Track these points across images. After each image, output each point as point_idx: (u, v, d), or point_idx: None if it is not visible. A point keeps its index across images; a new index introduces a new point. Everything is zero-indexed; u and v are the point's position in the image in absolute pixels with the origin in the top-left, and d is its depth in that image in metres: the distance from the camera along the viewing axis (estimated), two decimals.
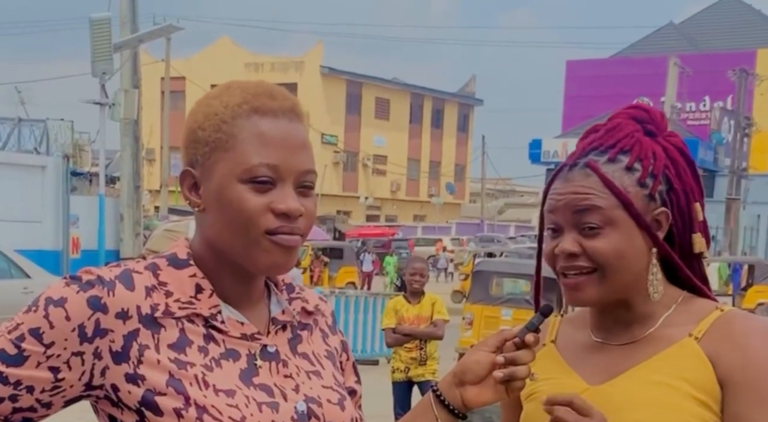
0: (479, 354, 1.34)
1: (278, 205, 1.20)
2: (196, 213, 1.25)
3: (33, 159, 15.93)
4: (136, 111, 16.53)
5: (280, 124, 1.22)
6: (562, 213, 1.41)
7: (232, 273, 1.25)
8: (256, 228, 1.20)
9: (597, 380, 1.41)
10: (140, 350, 1.17)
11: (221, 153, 1.21)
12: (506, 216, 57.37)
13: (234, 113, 1.21)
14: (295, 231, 1.22)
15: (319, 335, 1.36)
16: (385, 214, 53.55)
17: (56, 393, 1.17)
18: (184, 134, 1.25)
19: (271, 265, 1.22)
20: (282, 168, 1.20)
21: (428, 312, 6.53)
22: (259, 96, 1.23)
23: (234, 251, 1.22)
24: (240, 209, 1.19)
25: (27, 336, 1.15)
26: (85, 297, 1.16)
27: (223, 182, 1.20)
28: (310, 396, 1.26)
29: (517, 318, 11.77)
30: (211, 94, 1.26)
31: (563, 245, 1.40)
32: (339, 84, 49.22)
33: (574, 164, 1.43)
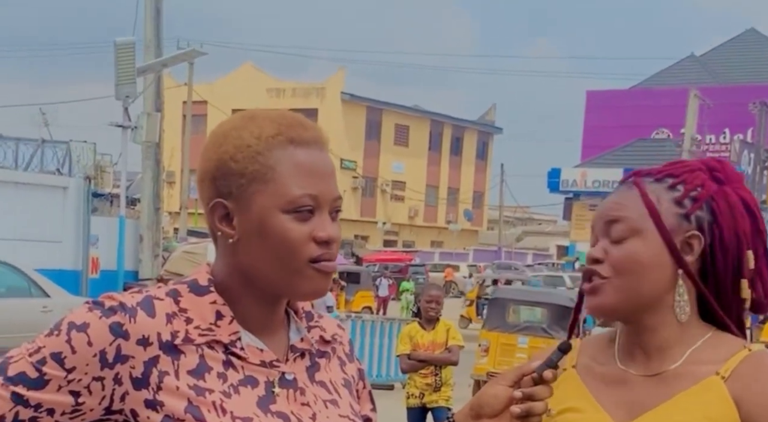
0: (497, 388, 1.34)
1: (320, 234, 1.22)
2: (224, 242, 1.25)
3: (55, 180, 16.07)
4: (158, 134, 16.66)
5: (314, 154, 1.24)
6: (597, 223, 1.45)
7: (256, 300, 1.26)
8: (300, 258, 1.22)
9: (623, 416, 1.40)
10: (160, 376, 1.18)
11: (260, 185, 1.22)
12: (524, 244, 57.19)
13: (269, 144, 1.22)
14: (334, 256, 1.25)
15: (336, 363, 1.37)
16: (403, 240, 53.49)
17: (76, 416, 1.19)
18: (210, 165, 1.25)
19: (312, 292, 1.25)
20: (321, 197, 1.23)
21: (443, 338, 6.54)
22: (292, 126, 1.24)
23: (274, 280, 1.23)
24: (284, 239, 1.21)
25: (49, 360, 1.17)
26: (107, 323, 1.17)
27: (265, 213, 1.21)
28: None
29: (534, 346, 11.68)
30: (236, 125, 1.26)
31: (590, 251, 1.44)
32: (359, 110, 49.39)
33: (623, 182, 1.47)
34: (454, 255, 45.07)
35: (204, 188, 1.26)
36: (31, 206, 14.88)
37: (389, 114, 51.45)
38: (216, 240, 1.27)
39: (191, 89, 29.54)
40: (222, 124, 1.29)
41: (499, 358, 11.94)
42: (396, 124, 52.04)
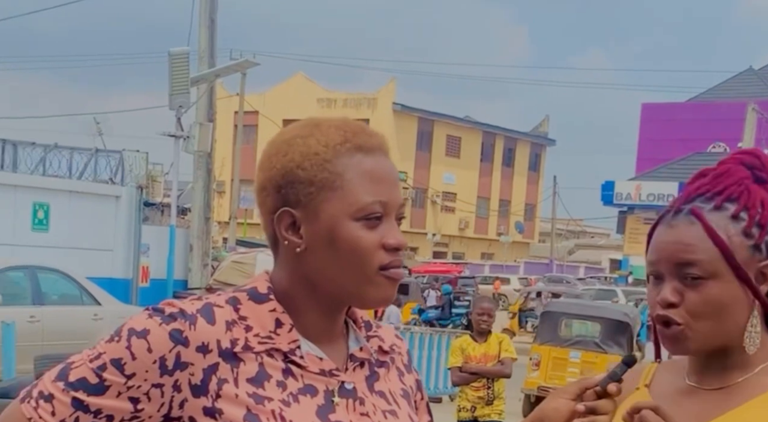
0: (559, 401, 1.31)
1: (389, 241, 1.22)
2: (289, 251, 1.23)
3: (108, 189, 16.25)
4: (209, 144, 16.79)
5: (380, 160, 1.24)
6: (665, 263, 1.39)
7: (318, 309, 1.25)
8: (371, 265, 1.21)
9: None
10: (219, 384, 1.17)
11: (329, 192, 1.21)
12: (576, 257, 56.62)
13: (337, 152, 1.22)
14: (402, 263, 1.24)
15: (395, 373, 1.35)
16: (453, 251, 53.30)
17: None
18: (273, 174, 1.23)
19: (381, 300, 1.24)
20: (389, 203, 1.23)
21: (495, 350, 6.47)
22: (357, 134, 1.24)
23: (343, 288, 1.23)
24: (355, 247, 1.20)
25: (109, 366, 1.17)
26: (167, 330, 1.17)
27: (335, 221, 1.21)
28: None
29: (586, 361, 11.54)
30: (300, 133, 1.24)
31: (663, 294, 1.38)
32: (411, 121, 49.39)
33: (679, 210, 1.41)
34: (504, 268, 44.74)
35: (266, 197, 1.25)
36: (83, 215, 15.06)
37: (440, 125, 51.37)
38: (277, 249, 1.26)
39: (243, 99, 29.74)
40: (283, 133, 1.27)
41: (551, 372, 11.83)
42: (447, 135, 51.94)
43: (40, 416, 1.19)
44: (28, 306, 10.53)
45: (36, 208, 14.78)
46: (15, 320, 9.59)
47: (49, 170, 16.78)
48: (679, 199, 1.43)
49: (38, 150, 17.17)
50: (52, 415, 1.18)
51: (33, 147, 17.24)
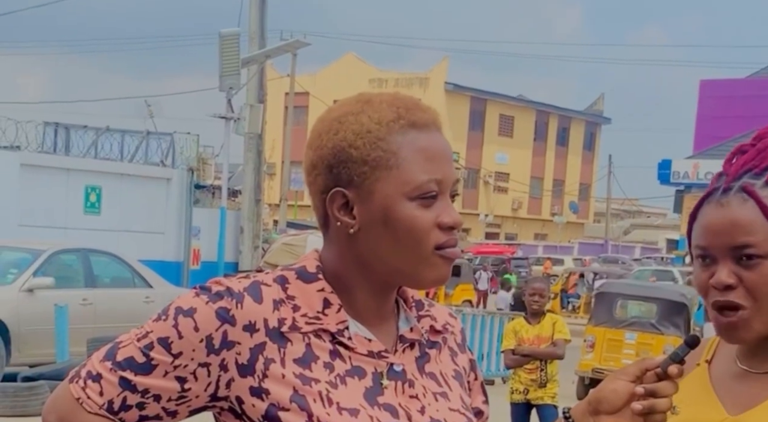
0: (617, 382, 1.26)
1: (445, 219, 1.20)
2: (342, 232, 1.21)
3: (159, 171, 16.35)
4: (260, 125, 16.78)
5: (434, 137, 1.22)
6: (718, 246, 1.35)
7: (369, 290, 1.23)
8: (427, 246, 1.19)
9: (737, 410, 1.37)
10: (266, 363, 1.16)
11: (383, 171, 1.19)
12: (632, 238, 55.85)
13: (390, 129, 1.19)
14: (456, 241, 1.22)
15: (447, 354, 1.32)
16: (505, 232, 52.95)
17: (182, 402, 1.18)
18: (325, 152, 1.21)
19: (437, 279, 1.22)
20: (444, 181, 1.21)
21: (549, 332, 6.38)
22: (410, 110, 1.22)
23: (398, 269, 1.21)
24: (412, 228, 1.18)
25: (156, 345, 1.16)
26: (214, 308, 1.16)
27: (390, 201, 1.19)
28: (435, 419, 1.22)
29: (642, 342, 11.36)
30: (351, 110, 1.22)
31: (719, 276, 1.34)
32: (463, 100, 49.08)
33: (728, 188, 1.36)
34: (558, 249, 44.33)
35: (317, 176, 1.22)
36: (135, 197, 15.17)
37: (493, 104, 50.96)
38: (327, 229, 1.23)
39: (293, 80, 29.73)
40: (333, 110, 1.25)
41: (606, 354, 11.69)
42: (500, 114, 51.52)
43: (88, 396, 1.18)
44: (81, 288, 10.61)
45: (88, 191, 14.92)
46: (68, 303, 9.70)
47: (101, 153, 16.94)
48: (727, 177, 1.37)
49: (90, 133, 17.33)
50: (100, 395, 1.18)
51: (85, 130, 17.41)
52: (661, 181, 34.40)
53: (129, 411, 1.18)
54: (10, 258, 10.65)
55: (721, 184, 1.37)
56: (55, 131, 17.44)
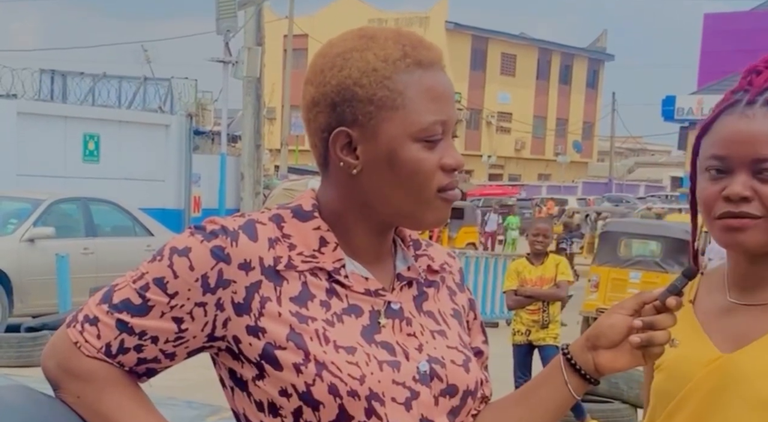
0: (615, 317, 1.25)
1: (448, 161, 1.18)
2: (343, 172, 1.19)
3: (157, 118, 16.20)
4: (259, 69, 16.58)
5: (439, 76, 1.20)
6: (738, 156, 1.31)
7: (368, 230, 1.22)
8: (430, 187, 1.18)
9: (728, 347, 1.36)
10: (262, 302, 1.15)
11: (389, 112, 1.16)
12: (636, 176, 55.70)
13: (396, 68, 1.17)
14: (457, 183, 1.20)
15: (446, 293, 1.31)
16: (509, 173, 52.84)
17: (180, 343, 1.17)
18: (328, 90, 1.18)
19: (437, 221, 1.22)
20: (448, 122, 1.19)
21: (551, 273, 6.31)
22: (416, 47, 1.19)
23: (399, 210, 1.20)
24: (417, 170, 1.17)
25: (152, 285, 1.15)
26: (208, 247, 1.14)
27: (394, 143, 1.17)
28: (433, 357, 1.21)
29: (646, 281, 11.33)
30: (355, 46, 1.19)
31: (734, 188, 1.31)
32: (464, 40, 48.59)
33: (754, 100, 1.33)
34: (562, 189, 44.22)
35: (318, 114, 1.19)
36: (134, 145, 15.05)
37: (495, 43, 50.45)
38: (327, 168, 1.21)
39: (292, 22, 29.37)
40: (334, 44, 1.21)
41: (610, 294, 11.68)
42: (502, 53, 51.03)
43: (85, 339, 1.17)
44: (82, 238, 10.57)
45: (87, 140, 14.80)
46: (69, 252, 9.67)
47: (98, 100, 16.77)
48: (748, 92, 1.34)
49: (87, 80, 17.15)
50: (98, 338, 1.17)
51: (82, 77, 17.22)
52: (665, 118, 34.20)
53: (127, 354, 1.17)
54: (9, 208, 10.60)
55: (743, 98, 1.34)
56: (51, 78, 17.25)
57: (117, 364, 1.17)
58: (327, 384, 1.13)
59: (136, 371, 1.19)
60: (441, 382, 1.21)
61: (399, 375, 1.17)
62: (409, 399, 1.18)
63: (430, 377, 1.20)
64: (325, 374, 1.13)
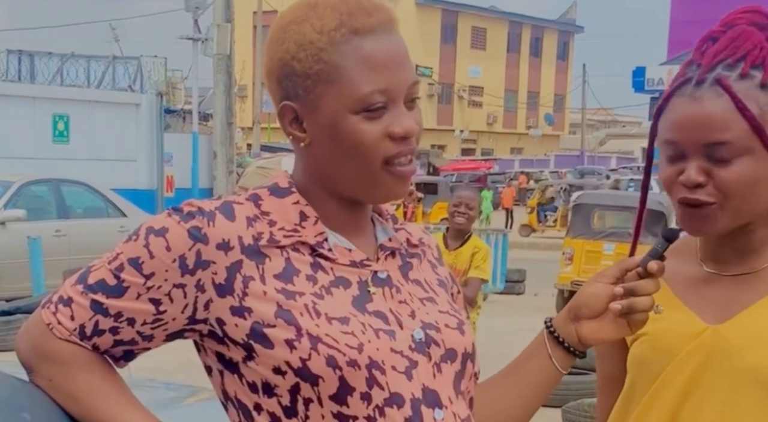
0: (596, 285, 1.24)
1: (395, 129, 1.14)
2: (298, 147, 1.19)
3: (127, 97, 16.04)
4: (228, 46, 16.45)
5: (382, 41, 1.15)
6: (689, 141, 1.29)
7: (337, 202, 1.20)
8: (374, 160, 1.14)
9: (714, 318, 1.33)
10: (245, 281, 1.13)
11: (326, 85, 1.14)
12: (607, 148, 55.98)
13: (332, 39, 1.13)
14: (412, 151, 1.17)
15: (428, 265, 1.30)
16: (481, 147, 52.91)
17: (158, 326, 1.15)
18: (273, 65, 1.17)
19: (386, 196, 1.19)
20: (393, 89, 1.14)
21: (465, 264, 5.02)
22: (354, 15, 1.14)
23: (348, 184, 1.17)
24: (357, 142, 1.14)
25: (126, 266, 1.13)
26: (186, 227, 1.13)
27: (334, 116, 1.14)
28: (427, 322, 1.19)
29: (620, 253, 11.38)
30: (296, 17, 1.16)
31: (689, 174, 1.29)
32: (434, 13, 48.40)
33: (702, 80, 1.28)
34: (534, 162, 44.39)
35: (272, 89, 1.19)
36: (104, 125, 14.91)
37: (465, 16, 50.33)
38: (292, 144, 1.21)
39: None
40: (282, 16, 1.19)
41: (584, 266, 11.73)
42: (472, 27, 50.94)
43: (59, 321, 1.14)
44: (53, 220, 10.47)
45: (56, 120, 14.64)
46: (41, 235, 9.55)
47: (67, 80, 16.58)
48: (700, 69, 1.29)
49: (55, 60, 16.94)
50: (71, 319, 1.14)
51: (49, 57, 17.02)
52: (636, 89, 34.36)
53: (102, 335, 1.15)
54: None
55: (694, 75, 1.30)
56: (18, 59, 17.03)
57: (91, 347, 1.15)
58: (324, 356, 1.10)
59: (113, 354, 1.17)
60: (439, 347, 1.18)
61: (396, 344, 1.15)
62: (409, 369, 1.15)
63: (426, 344, 1.17)
64: (321, 347, 1.11)
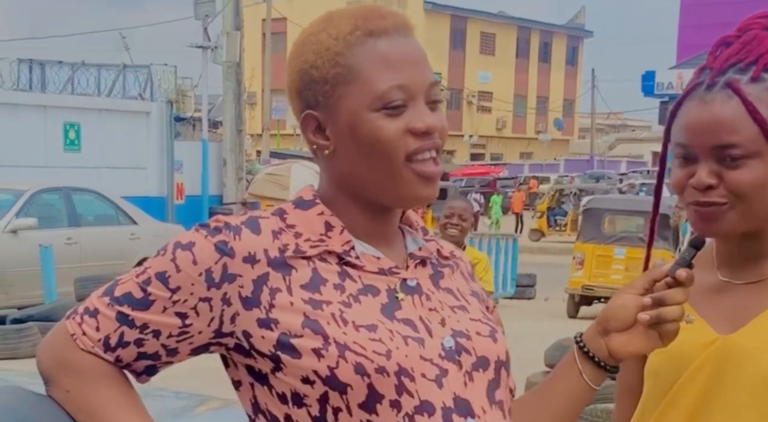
0: (624, 297, 1.22)
1: (416, 124, 1.13)
2: (323, 156, 1.18)
3: (138, 105, 16.09)
4: (238, 53, 16.53)
5: (397, 41, 1.16)
6: (700, 144, 1.29)
7: (364, 211, 1.19)
8: (396, 156, 1.13)
9: (726, 327, 1.32)
10: (271, 294, 1.13)
11: (344, 87, 1.14)
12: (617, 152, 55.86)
13: (347, 43, 1.15)
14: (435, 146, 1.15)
15: (460, 276, 1.27)
16: (491, 153, 52.85)
17: (183, 339, 1.15)
18: (294, 78, 1.18)
19: (413, 197, 1.16)
20: (411, 87, 1.14)
21: None
22: (368, 19, 1.16)
23: (373, 186, 1.16)
24: (377, 139, 1.13)
25: (153, 280, 1.13)
26: (212, 241, 1.13)
27: (354, 116, 1.14)
28: (457, 330, 1.17)
29: (631, 257, 11.36)
30: (314, 30, 1.18)
31: (700, 176, 1.29)
32: (443, 19, 48.42)
33: (713, 83, 1.29)
34: (544, 167, 44.31)
35: (294, 103, 1.20)
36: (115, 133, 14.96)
37: (474, 22, 50.33)
38: (315, 155, 1.20)
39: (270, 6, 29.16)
40: (301, 33, 1.21)
41: (595, 271, 11.69)
42: (481, 32, 50.94)
43: (83, 331, 1.15)
44: (65, 228, 10.49)
45: (67, 128, 14.69)
46: (52, 243, 9.59)
47: (78, 89, 16.64)
48: (711, 72, 1.30)
49: (65, 69, 16.99)
50: (96, 330, 1.15)
51: (60, 66, 17.07)
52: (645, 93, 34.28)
53: (126, 347, 1.15)
54: None
55: (705, 79, 1.31)
56: (29, 68, 17.09)
57: (114, 359, 1.15)
58: (352, 364, 1.09)
59: (135, 368, 1.17)
60: (470, 355, 1.16)
61: (425, 352, 1.13)
62: (439, 377, 1.13)
63: (457, 352, 1.15)
64: (349, 354, 1.10)
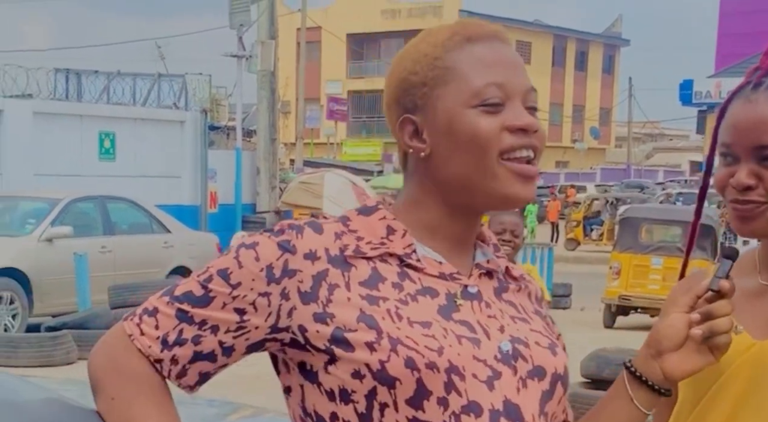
0: (671, 316, 1.22)
1: (513, 122, 1.15)
2: (416, 159, 1.19)
3: (172, 114, 16.17)
4: (272, 62, 16.56)
5: (495, 46, 1.18)
6: (742, 143, 1.29)
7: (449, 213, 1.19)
8: (490, 151, 1.14)
9: (763, 333, 1.31)
10: (329, 290, 1.14)
11: (442, 87, 1.16)
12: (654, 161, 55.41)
13: (446, 47, 1.17)
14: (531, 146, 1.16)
15: (526, 296, 1.26)
16: None
17: (240, 334, 1.15)
18: (392, 88, 1.20)
19: (505, 194, 1.16)
20: (508, 86, 1.16)
21: None
22: (467, 26, 1.20)
23: (469, 187, 1.16)
24: (475, 134, 1.14)
25: (215, 277, 1.15)
26: (276, 240, 1.15)
27: (451, 114, 1.16)
28: (516, 337, 1.16)
29: (669, 267, 11.21)
30: (413, 42, 1.22)
31: (739, 177, 1.29)
32: None
33: (759, 83, 1.29)
34: (580, 176, 44.01)
35: (391, 113, 1.21)
36: (149, 142, 15.04)
37: (510, 30, 47.63)
38: (407, 166, 1.22)
39: (305, 15, 29.27)
40: (404, 48, 1.24)
41: (632, 281, 11.57)
42: (517, 41, 50.75)
43: (142, 331, 1.16)
44: (99, 236, 10.57)
45: (102, 138, 14.80)
46: (87, 251, 9.66)
47: (113, 98, 16.77)
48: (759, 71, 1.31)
49: (101, 78, 17.16)
50: (156, 328, 1.16)
51: (96, 75, 17.24)
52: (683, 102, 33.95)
53: (184, 345, 1.15)
54: (27, 208, 10.62)
55: (753, 79, 1.31)
56: (66, 77, 17.28)
57: (170, 360, 1.15)
58: (403, 358, 1.09)
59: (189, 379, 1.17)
60: (526, 363, 1.15)
61: (479, 352, 1.12)
62: (491, 379, 1.12)
63: (513, 357, 1.15)
64: (401, 348, 1.10)
